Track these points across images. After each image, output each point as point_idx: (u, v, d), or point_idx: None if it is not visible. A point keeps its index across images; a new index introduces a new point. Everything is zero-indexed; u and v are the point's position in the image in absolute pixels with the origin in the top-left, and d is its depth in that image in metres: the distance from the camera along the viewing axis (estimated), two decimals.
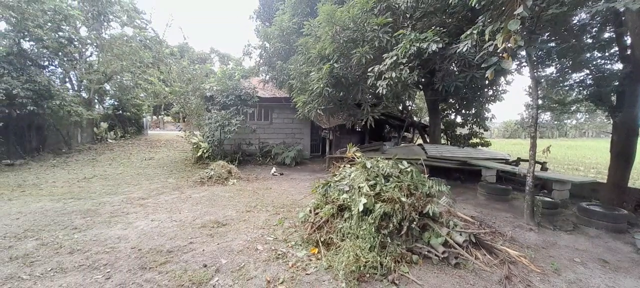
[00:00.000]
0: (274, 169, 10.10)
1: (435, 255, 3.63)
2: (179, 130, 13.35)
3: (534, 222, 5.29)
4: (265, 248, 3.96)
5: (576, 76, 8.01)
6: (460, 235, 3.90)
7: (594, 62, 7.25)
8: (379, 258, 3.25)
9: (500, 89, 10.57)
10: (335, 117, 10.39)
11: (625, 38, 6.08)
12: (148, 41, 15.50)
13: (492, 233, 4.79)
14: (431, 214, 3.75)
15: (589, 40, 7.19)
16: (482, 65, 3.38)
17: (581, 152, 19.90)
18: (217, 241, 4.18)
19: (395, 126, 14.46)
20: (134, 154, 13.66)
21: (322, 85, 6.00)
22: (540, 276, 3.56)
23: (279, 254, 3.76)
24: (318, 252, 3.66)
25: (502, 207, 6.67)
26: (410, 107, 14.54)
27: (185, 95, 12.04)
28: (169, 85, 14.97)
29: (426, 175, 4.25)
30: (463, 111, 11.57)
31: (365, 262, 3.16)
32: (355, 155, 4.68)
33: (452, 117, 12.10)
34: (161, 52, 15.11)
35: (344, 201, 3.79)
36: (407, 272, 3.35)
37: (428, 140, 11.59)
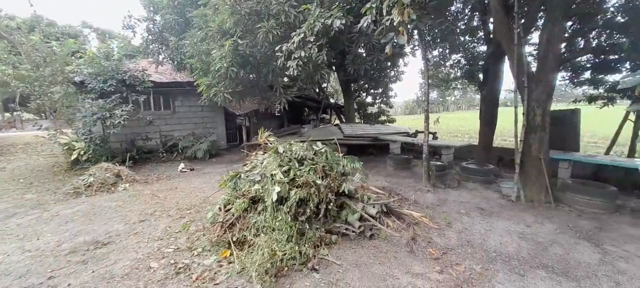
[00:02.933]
0: (182, 165, 8.78)
1: (353, 231, 3.67)
2: (39, 129, 10.16)
3: (430, 184, 6.07)
4: (162, 263, 3.25)
5: (454, 57, 9.55)
6: (374, 207, 4.05)
7: (466, 45, 8.71)
8: (297, 248, 3.04)
9: (400, 70, 11.80)
10: (248, 102, 9.66)
11: (489, 24, 7.41)
12: None
13: (399, 200, 5.25)
14: (347, 192, 3.74)
15: (463, 26, 8.56)
16: (382, 41, 3.44)
17: (458, 122, 24.69)
18: (92, 268, 3.21)
19: (314, 108, 14.64)
20: None
21: (226, 65, 5.26)
22: (438, 231, 4.04)
23: (180, 268, 3.12)
24: (230, 255, 3.20)
25: (406, 174, 7.48)
26: (326, 89, 14.90)
27: (41, 82, 9.00)
28: (15, 68, 11.03)
29: (340, 154, 4.23)
30: (371, 91, 12.53)
31: (283, 255, 2.89)
32: (268, 140, 4.29)
33: (364, 96, 12.99)
34: None
35: (256, 192, 3.39)
36: (327, 254, 3.25)
37: (344, 120, 12.14)
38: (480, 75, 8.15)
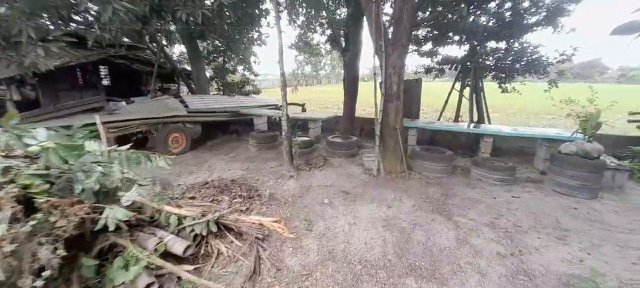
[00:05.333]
0: None
1: None
2: None
3: (293, 166, 4.97)
4: None
5: (320, 21, 8.70)
6: (191, 230, 2.41)
7: (329, 7, 7.93)
8: None
9: (264, 32, 10.05)
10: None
11: None
12: None
13: (249, 198, 3.82)
14: (111, 227, 1.87)
15: None
16: None
17: (329, 95, 25.96)
18: None
19: (152, 74, 10.87)
20: None
21: None
22: (294, 242, 2.87)
23: None
24: None
25: (271, 155, 6.20)
26: (170, 50, 11.39)
27: None
28: None
29: (109, 147, 2.22)
30: (228, 53, 10.24)
31: None
32: None
33: (221, 61, 10.54)
34: None
35: None
36: None
37: (194, 90, 9.45)
38: (343, 41, 7.61)
